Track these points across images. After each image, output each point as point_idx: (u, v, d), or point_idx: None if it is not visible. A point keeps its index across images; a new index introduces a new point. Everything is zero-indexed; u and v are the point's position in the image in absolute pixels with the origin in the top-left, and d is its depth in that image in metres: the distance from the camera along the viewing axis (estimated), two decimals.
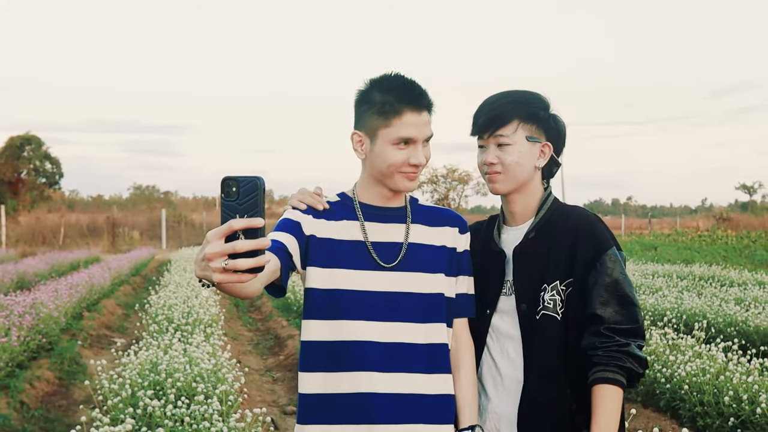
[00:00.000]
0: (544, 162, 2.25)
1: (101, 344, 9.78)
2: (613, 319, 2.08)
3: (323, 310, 2.08)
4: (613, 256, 2.12)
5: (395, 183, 2.10)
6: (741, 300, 10.78)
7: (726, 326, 8.49)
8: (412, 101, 2.04)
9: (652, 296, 10.84)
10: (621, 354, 2.05)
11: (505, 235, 2.29)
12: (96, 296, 12.90)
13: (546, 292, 2.15)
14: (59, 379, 7.65)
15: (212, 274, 1.39)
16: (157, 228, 37.43)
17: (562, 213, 2.23)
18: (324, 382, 2.07)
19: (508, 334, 2.21)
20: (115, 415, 4.59)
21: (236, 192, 1.38)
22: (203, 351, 5.85)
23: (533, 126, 2.22)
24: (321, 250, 2.09)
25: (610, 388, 2.04)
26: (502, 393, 2.19)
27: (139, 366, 5.46)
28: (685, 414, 5.72)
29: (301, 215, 2.11)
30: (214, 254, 1.37)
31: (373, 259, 2.10)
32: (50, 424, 6.19)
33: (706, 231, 42.22)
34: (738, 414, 5.22)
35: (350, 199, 2.18)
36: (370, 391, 2.04)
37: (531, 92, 2.27)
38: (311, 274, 2.09)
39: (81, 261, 21.34)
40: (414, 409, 2.08)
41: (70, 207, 50.10)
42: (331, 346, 2.07)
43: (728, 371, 5.63)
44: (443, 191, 50.49)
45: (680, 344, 6.61)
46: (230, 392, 4.88)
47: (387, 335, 2.07)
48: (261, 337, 10.58)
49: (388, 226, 2.15)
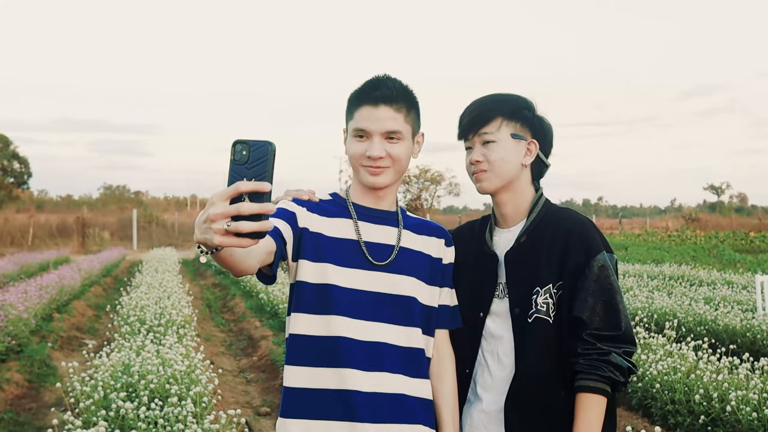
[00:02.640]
0: (531, 160, 2.26)
1: (72, 346, 9.66)
2: (595, 324, 2.07)
3: (313, 304, 2.08)
4: (603, 261, 2.11)
5: (360, 177, 2.14)
6: (710, 299, 10.93)
7: (696, 325, 8.60)
8: (368, 95, 2.10)
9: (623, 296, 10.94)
10: (601, 363, 2.04)
11: (497, 238, 2.29)
12: (66, 297, 12.75)
13: (539, 296, 2.15)
14: (29, 381, 7.55)
15: (213, 236, 1.37)
16: (128, 228, 37.09)
17: (555, 216, 2.23)
18: (309, 377, 2.07)
19: (500, 337, 2.21)
20: (87, 418, 4.54)
21: (246, 155, 1.36)
22: (176, 352, 5.80)
23: (517, 123, 2.23)
24: (313, 244, 2.09)
25: (591, 396, 2.04)
26: (492, 394, 2.20)
27: (111, 368, 5.40)
28: (656, 412, 5.79)
29: (296, 206, 2.11)
30: (218, 215, 1.35)
31: (365, 257, 2.11)
32: (20, 428, 6.11)
33: (675, 231, 42.76)
34: (708, 412, 5.30)
35: (343, 200, 2.20)
36: (354, 389, 2.05)
37: (515, 94, 2.30)
38: (302, 267, 2.09)
39: (50, 262, 21.08)
40: (397, 409, 2.09)
41: (39, 207, 49.46)
42: (318, 341, 2.07)
43: (699, 370, 5.70)
44: (416, 191, 50.58)
45: (651, 343, 6.68)
46: (204, 393, 4.85)
47: (371, 334, 2.08)
48: (234, 339, 10.52)
49: (381, 227, 2.17)
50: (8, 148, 44.67)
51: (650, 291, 12.15)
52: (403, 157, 2.12)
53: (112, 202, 60.78)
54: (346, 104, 2.17)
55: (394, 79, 2.12)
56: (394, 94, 2.09)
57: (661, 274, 15.49)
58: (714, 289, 12.08)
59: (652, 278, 14.83)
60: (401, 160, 2.12)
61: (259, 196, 1.35)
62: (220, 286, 17.02)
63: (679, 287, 12.78)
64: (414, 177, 49.91)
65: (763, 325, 7.93)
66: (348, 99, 2.16)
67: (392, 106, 2.09)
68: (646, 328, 8.67)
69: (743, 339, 7.97)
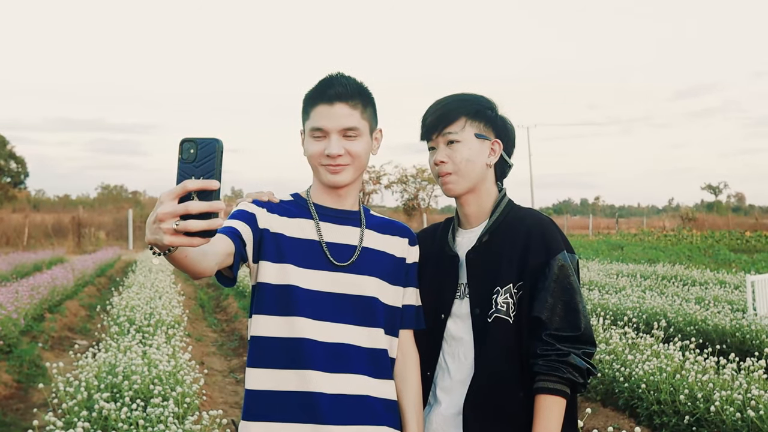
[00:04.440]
0: (495, 160, 2.25)
1: (63, 346, 9.64)
2: (555, 325, 2.05)
3: (274, 305, 2.07)
4: (562, 261, 2.10)
5: (320, 176, 2.14)
6: (701, 299, 10.93)
7: (686, 325, 8.61)
8: (323, 94, 2.09)
9: (615, 296, 10.95)
10: (560, 364, 2.02)
11: (460, 238, 2.28)
12: (58, 298, 12.74)
13: (499, 295, 2.12)
14: (17, 382, 7.54)
15: (163, 236, 1.37)
16: (123, 228, 37.01)
17: (516, 215, 2.22)
18: (272, 379, 2.06)
19: (461, 338, 2.19)
20: (70, 419, 4.53)
21: (194, 154, 1.36)
22: (163, 353, 5.80)
23: (481, 123, 2.22)
24: (274, 245, 2.08)
25: (550, 398, 2.02)
26: (452, 396, 2.18)
27: (96, 368, 5.39)
28: (642, 413, 5.79)
29: (256, 208, 2.11)
30: (166, 214, 1.35)
31: (327, 258, 2.10)
32: (7, 428, 6.10)
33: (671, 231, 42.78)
34: (693, 412, 5.30)
35: (304, 200, 2.19)
36: (317, 391, 2.03)
37: (476, 94, 2.28)
38: (263, 268, 2.08)
39: (44, 262, 21.05)
40: (360, 410, 2.07)
41: (36, 207, 49.40)
42: (281, 343, 2.06)
43: (684, 370, 5.70)
44: (413, 191, 50.58)
45: (640, 343, 6.68)
46: (187, 394, 4.84)
47: (334, 335, 2.07)
48: (226, 338, 10.51)
49: (343, 228, 2.16)
50: (5, 147, 44.69)
51: (642, 291, 12.15)
52: (362, 154, 2.12)
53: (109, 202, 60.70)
54: (302, 105, 2.16)
55: (348, 77, 2.13)
56: (349, 90, 2.09)
57: (654, 274, 15.50)
58: (706, 289, 12.08)
59: (645, 278, 14.84)
60: (360, 157, 2.11)
61: (208, 194, 1.35)
62: (213, 286, 16.98)
63: (671, 287, 12.78)
64: (411, 177, 49.91)
65: (752, 324, 7.93)
66: (303, 99, 2.15)
67: (348, 103, 2.09)
68: (635, 328, 8.68)
69: (732, 339, 7.98)
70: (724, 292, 11.51)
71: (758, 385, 5.20)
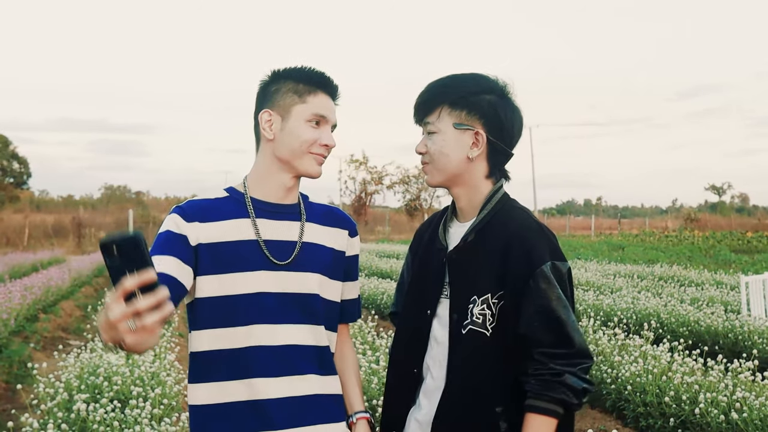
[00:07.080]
0: (478, 152, 2.03)
1: (55, 347, 9.63)
2: (546, 343, 1.89)
3: (215, 318, 1.99)
4: (546, 274, 1.91)
5: (304, 165, 2.03)
6: (696, 300, 10.88)
7: (679, 326, 8.56)
8: (328, 85, 2.06)
9: (609, 296, 10.90)
10: (554, 383, 1.87)
11: (453, 230, 2.13)
12: (53, 298, 12.72)
13: (476, 306, 1.96)
14: (6, 382, 7.53)
15: (124, 336, 1.39)
16: (124, 228, 37.05)
17: (505, 217, 2.02)
18: (217, 393, 1.99)
19: (442, 342, 2.04)
20: (46, 421, 4.51)
21: (118, 253, 1.36)
22: (148, 353, 5.77)
23: (462, 112, 2.02)
24: (211, 257, 1.98)
25: (539, 417, 1.88)
26: (430, 402, 2.05)
27: (79, 369, 5.37)
28: (629, 414, 5.75)
29: (184, 224, 1.98)
30: (119, 318, 1.36)
31: (266, 257, 2.00)
32: None
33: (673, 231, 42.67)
34: (678, 414, 5.26)
35: (241, 195, 2.08)
36: (267, 398, 1.98)
37: (467, 75, 2.08)
38: (201, 283, 1.98)
39: (43, 262, 21.04)
40: (310, 410, 2.03)
41: (39, 207, 49.49)
42: (225, 355, 1.98)
43: (672, 371, 5.66)
44: (415, 192, 50.57)
45: (629, 345, 6.64)
46: (167, 395, 4.82)
47: (280, 338, 2.01)
48: None
49: (281, 223, 2.06)
50: (7, 148, 44.74)
51: (638, 291, 12.09)
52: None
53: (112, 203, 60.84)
54: (287, 83, 2.04)
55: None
56: (339, 92, 2.11)
57: (651, 275, 15.43)
58: (702, 290, 12.02)
59: (642, 278, 14.77)
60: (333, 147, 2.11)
61: (149, 286, 1.36)
62: None
63: (668, 288, 12.73)
64: (413, 177, 49.89)
65: (745, 326, 7.88)
66: (291, 77, 2.04)
67: (335, 103, 2.10)
68: (627, 330, 8.64)
69: (725, 340, 7.93)
70: (720, 293, 11.45)
71: (744, 387, 5.16)
